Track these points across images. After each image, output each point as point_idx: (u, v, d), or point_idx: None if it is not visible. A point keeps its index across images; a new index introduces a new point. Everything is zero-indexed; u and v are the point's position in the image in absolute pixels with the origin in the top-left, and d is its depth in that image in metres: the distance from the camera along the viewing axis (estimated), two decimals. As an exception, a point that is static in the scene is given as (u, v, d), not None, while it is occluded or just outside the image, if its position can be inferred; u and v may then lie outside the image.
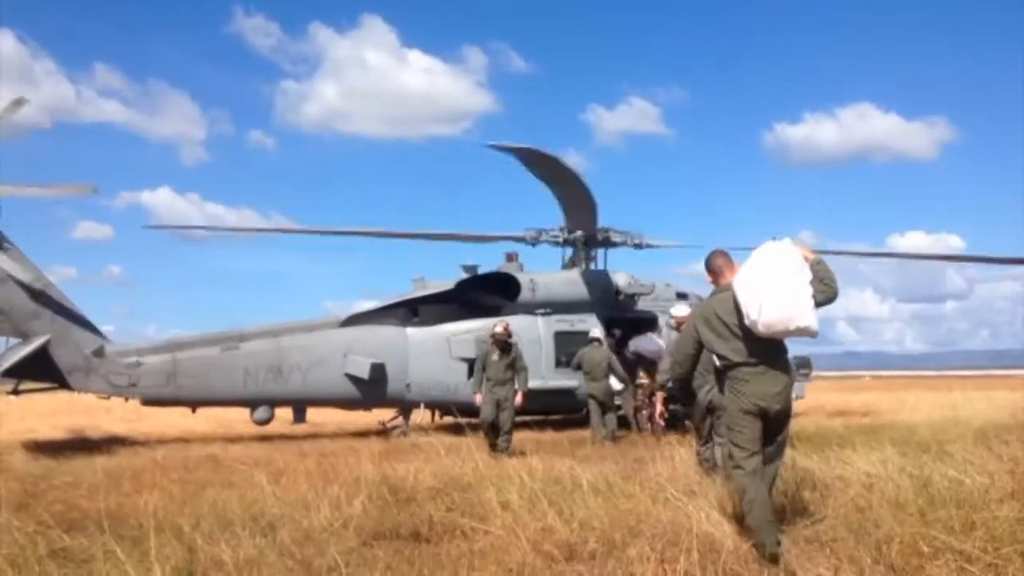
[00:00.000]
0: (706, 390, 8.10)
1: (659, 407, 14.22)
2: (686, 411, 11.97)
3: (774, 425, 5.55)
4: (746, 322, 5.42)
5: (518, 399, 12.37)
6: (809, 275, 5.43)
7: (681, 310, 12.02)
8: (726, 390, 5.67)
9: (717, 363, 5.71)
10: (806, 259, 5.51)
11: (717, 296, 5.82)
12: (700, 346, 5.80)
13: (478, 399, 12.46)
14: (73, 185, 14.15)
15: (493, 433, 12.16)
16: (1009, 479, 6.98)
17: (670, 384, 12.14)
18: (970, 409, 18.69)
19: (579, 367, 14.83)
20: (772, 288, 5.31)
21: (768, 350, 5.51)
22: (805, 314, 5.34)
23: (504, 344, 12.52)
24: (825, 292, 5.47)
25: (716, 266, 5.93)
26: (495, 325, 12.85)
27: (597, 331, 14.97)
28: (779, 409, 5.51)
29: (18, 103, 13.57)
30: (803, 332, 5.42)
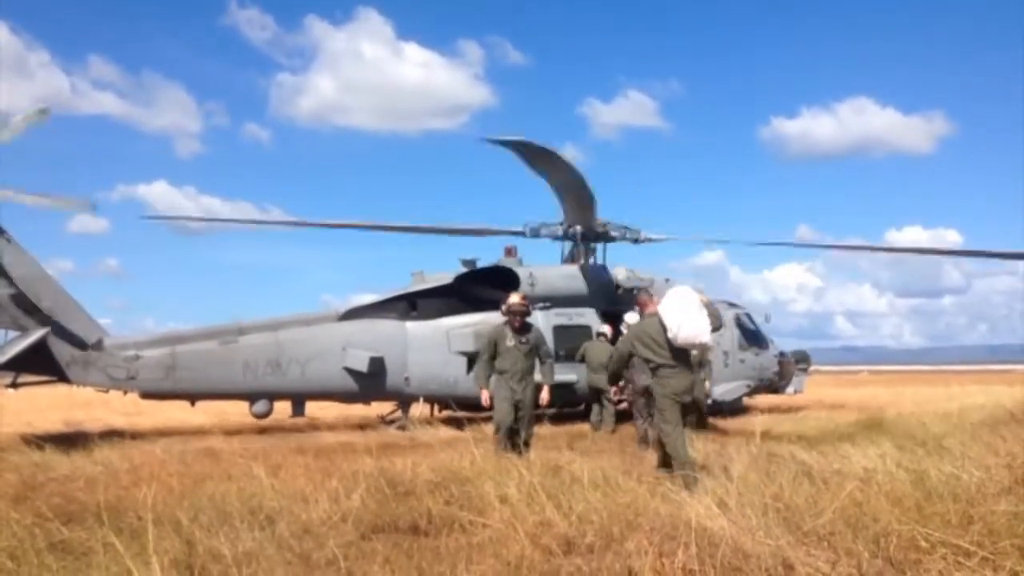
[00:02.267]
0: (643, 379, 10.49)
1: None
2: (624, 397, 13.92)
3: (687, 408, 8.34)
4: (668, 335, 8.08)
5: (544, 396, 10.10)
6: (705, 311, 8.14)
7: (633, 318, 12.21)
8: (654, 383, 8.36)
9: (648, 365, 8.46)
10: (702, 301, 8.24)
11: (646, 320, 8.55)
12: (631, 354, 8.59)
13: (485, 397, 9.98)
14: (72, 200, 14.11)
15: (510, 440, 9.61)
16: (1006, 473, 7.00)
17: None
18: (968, 404, 18.71)
19: (582, 360, 14.94)
20: (686, 316, 8.02)
21: (681, 356, 8.23)
22: (705, 334, 8.10)
23: (523, 323, 9.99)
24: (714, 323, 8.25)
25: (642, 301, 8.93)
26: (510, 295, 10.27)
27: (603, 326, 15.13)
28: (687, 399, 8.21)
29: (43, 112, 13.57)
30: (702, 346, 8.26)
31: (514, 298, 10.08)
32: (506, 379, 9.81)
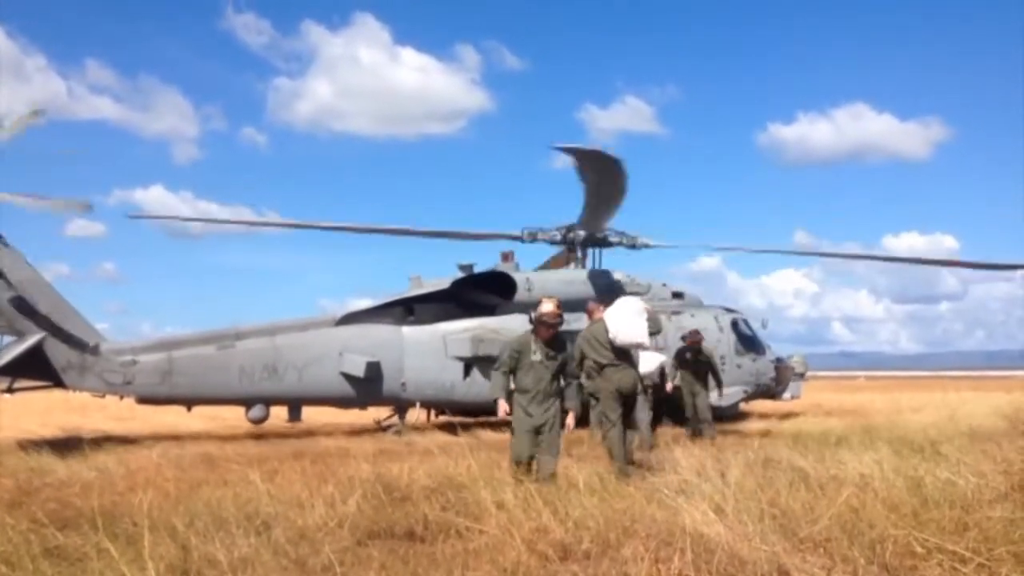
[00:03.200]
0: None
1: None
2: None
3: (629, 402, 9.35)
4: (609, 337, 9.18)
5: (570, 422, 8.34)
6: (645, 316, 9.32)
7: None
8: (600, 381, 9.27)
9: (595, 365, 9.31)
10: (645, 310, 9.41)
11: (593, 326, 9.54)
12: (584, 356, 9.35)
13: (503, 409, 8.23)
14: (69, 201, 14.08)
15: (527, 471, 7.81)
16: (1003, 480, 7.01)
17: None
18: (964, 410, 18.74)
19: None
20: (625, 321, 9.20)
21: (623, 355, 9.31)
22: (641, 336, 9.25)
23: (554, 336, 8.36)
24: (652, 328, 9.51)
25: (590, 309, 10.09)
26: (542, 302, 8.38)
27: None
28: (629, 393, 9.29)
29: (36, 114, 13.57)
30: (639, 346, 9.42)
31: (547, 306, 8.21)
32: (526, 400, 8.15)
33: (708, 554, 5.07)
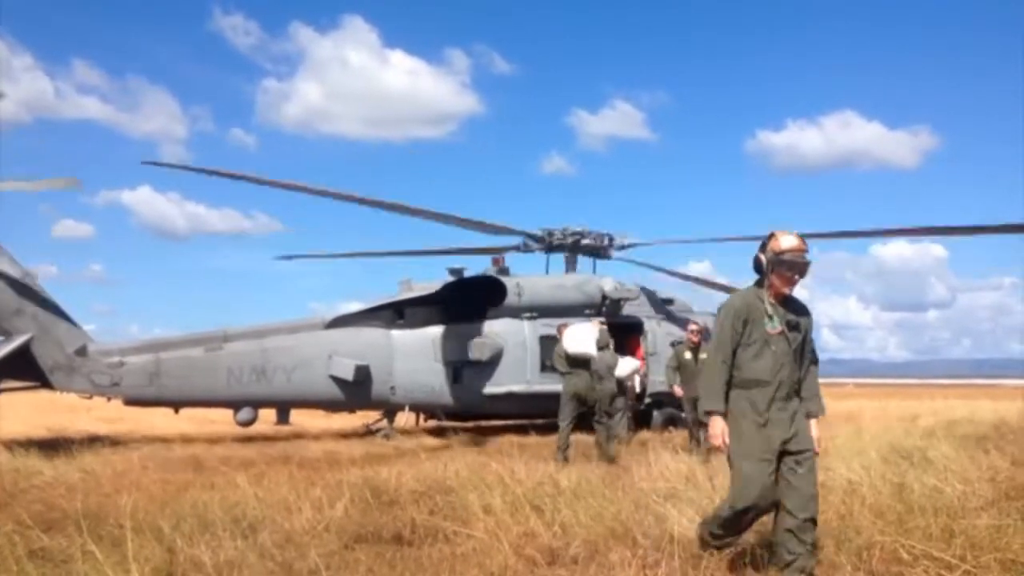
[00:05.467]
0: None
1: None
2: None
3: (588, 404, 11.72)
4: (565, 349, 11.78)
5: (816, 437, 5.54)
6: (596, 333, 11.94)
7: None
8: (563, 384, 11.82)
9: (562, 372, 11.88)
10: (600, 329, 12.20)
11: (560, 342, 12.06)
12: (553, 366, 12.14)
13: (720, 431, 4.88)
14: (57, 180, 13.97)
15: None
16: (989, 487, 7.05)
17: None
18: (952, 418, 18.80)
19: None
20: (575, 337, 11.83)
21: (576, 363, 11.73)
22: (589, 349, 11.76)
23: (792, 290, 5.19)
24: (600, 343, 11.97)
25: (558, 329, 12.84)
26: (777, 237, 5.00)
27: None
28: (586, 395, 11.66)
29: None
30: (586, 355, 11.74)
31: (788, 240, 4.97)
32: (762, 399, 4.97)
33: (696, 559, 5.08)
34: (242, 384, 14.59)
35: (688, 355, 12.88)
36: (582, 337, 11.79)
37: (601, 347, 12.00)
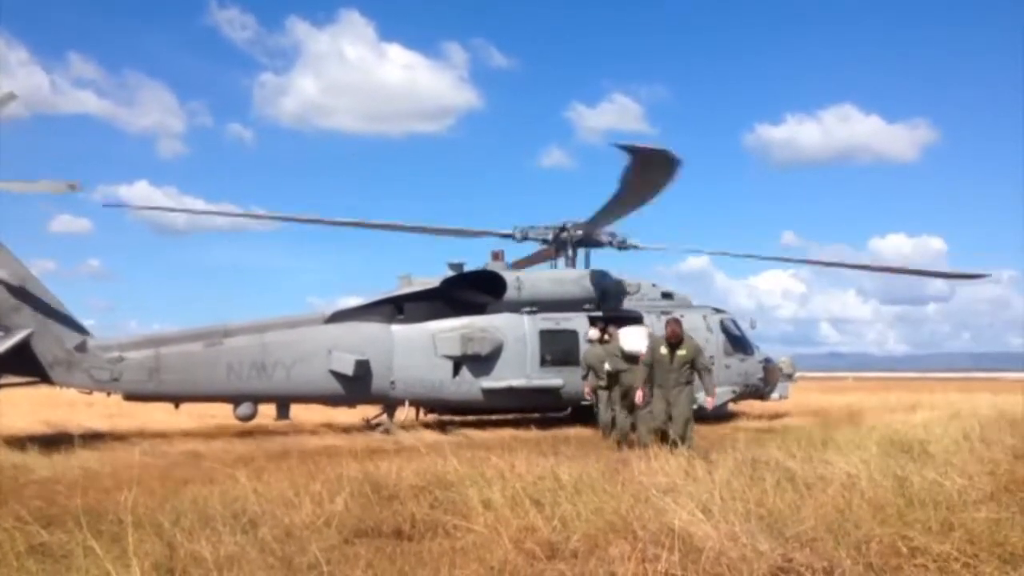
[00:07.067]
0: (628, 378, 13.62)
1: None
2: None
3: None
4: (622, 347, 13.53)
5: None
6: (647, 336, 13.14)
7: (623, 332, 14.29)
8: (621, 378, 13.37)
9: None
10: (650, 333, 13.40)
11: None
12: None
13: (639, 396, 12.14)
14: (56, 182, 13.97)
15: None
16: (989, 481, 7.05)
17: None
18: (952, 411, 18.80)
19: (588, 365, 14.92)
20: (631, 337, 13.48)
21: (632, 361, 12.94)
22: (642, 348, 12.37)
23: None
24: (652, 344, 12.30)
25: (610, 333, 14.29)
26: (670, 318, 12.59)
27: (592, 330, 15.11)
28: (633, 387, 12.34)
29: (9, 96, 13.44)
30: (639, 354, 12.34)
31: None
32: None
33: (695, 554, 5.08)
34: (242, 379, 14.60)
35: (664, 350, 11.65)
36: (636, 338, 13.34)
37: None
